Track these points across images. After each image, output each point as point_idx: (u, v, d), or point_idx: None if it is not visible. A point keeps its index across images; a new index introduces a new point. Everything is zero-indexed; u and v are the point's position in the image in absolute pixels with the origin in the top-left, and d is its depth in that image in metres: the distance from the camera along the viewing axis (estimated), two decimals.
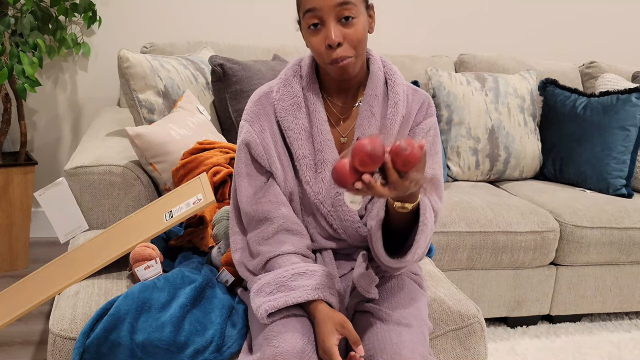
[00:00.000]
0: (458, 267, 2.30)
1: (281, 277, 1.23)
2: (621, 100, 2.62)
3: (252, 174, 1.34)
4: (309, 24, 1.22)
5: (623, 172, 2.61)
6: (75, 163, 1.83)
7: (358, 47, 1.24)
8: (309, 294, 1.20)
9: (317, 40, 1.23)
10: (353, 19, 1.21)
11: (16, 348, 2.03)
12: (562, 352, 2.30)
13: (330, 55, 1.22)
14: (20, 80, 2.29)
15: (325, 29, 1.21)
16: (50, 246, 2.82)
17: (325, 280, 1.24)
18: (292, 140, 1.33)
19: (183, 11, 2.87)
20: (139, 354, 1.24)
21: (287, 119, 1.32)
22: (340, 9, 1.20)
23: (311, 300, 1.21)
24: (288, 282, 1.22)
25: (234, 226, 1.38)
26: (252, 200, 1.33)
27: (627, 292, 2.51)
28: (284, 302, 1.20)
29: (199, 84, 2.28)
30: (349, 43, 1.22)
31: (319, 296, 1.21)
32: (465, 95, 2.66)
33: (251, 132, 1.33)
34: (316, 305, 1.21)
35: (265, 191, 1.33)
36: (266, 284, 1.24)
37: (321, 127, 1.32)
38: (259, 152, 1.32)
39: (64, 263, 1.58)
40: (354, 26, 1.21)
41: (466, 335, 1.42)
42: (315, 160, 1.33)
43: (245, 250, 1.35)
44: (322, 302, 1.22)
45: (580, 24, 3.36)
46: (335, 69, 1.25)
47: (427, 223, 1.18)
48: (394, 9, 3.08)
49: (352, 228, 1.35)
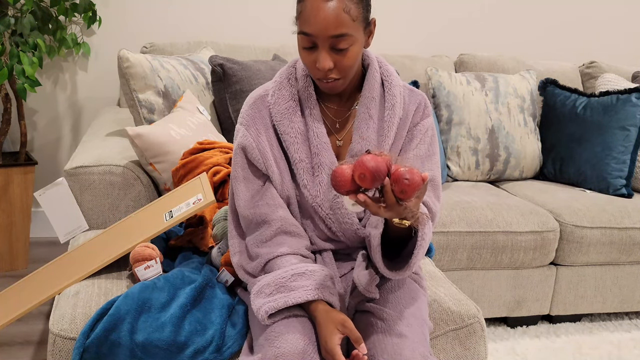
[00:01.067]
0: (458, 267, 2.30)
1: (280, 277, 1.23)
2: (621, 100, 2.62)
3: (249, 177, 1.34)
4: (303, 44, 1.23)
5: (623, 172, 2.61)
6: (75, 163, 1.83)
7: (348, 72, 1.25)
8: (309, 294, 1.20)
9: (309, 58, 1.23)
10: (346, 49, 1.21)
11: (16, 348, 2.03)
12: (562, 352, 2.30)
13: (318, 74, 1.24)
14: (20, 80, 2.29)
15: (318, 53, 1.21)
16: (50, 246, 2.82)
17: (325, 280, 1.24)
18: (289, 144, 1.32)
19: (183, 11, 2.87)
20: (139, 354, 1.24)
21: (283, 123, 1.32)
22: (334, 40, 1.19)
23: (311, 300, 1.21)
24: (287, 282, 1.22)
25: (232, 230, 1.38)
26: (250, 204, 1.33)
27: (627, 292, 2.51)
28: (284, 302, 1.20)
29: (199, 84, 2.28)
30: (338, 69, 1.23)
31: (319, 296, 1.21)
32: (465, 95, 2.66)
33: (247, 136, 1.33)
34: (316, 306, 1.21)
35: (263, 194, 1.33)
36: (266, 285, 1.24)
37: (317, 130, 1.32)
38: (255, 156, 1.32)
39: (64, 263, 1.58)
40: (346, 55, 1.21)
41: (466, 335, 1.42)
42: (312, 163, 1.33)
43: (244, 253, 1.35)
44: (322, 302, 1.22)
45: (580, 24, 3.36)
46: (323, 85, 1.27)
47: (425, 238, 1.18)
48: (394, 10, 3.08)
49: (351, 230, 1.35)
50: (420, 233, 1.17)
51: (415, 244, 1.19)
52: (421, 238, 1.17)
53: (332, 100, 1.36)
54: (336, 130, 1.36)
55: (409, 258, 1.20)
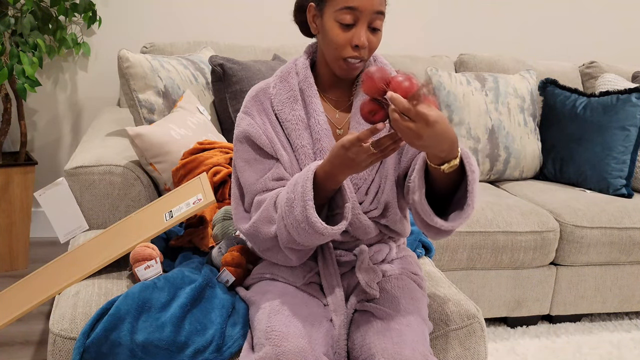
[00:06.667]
0: (458, 267, 2.30)
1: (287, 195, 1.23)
2: (621, 100, 2.62)
3: (258, 159, 1.34)
4: (342, 21, 1.26)
5: (623, 172, 2.61)
6: (75, 163, 1.83)
7: (371, 54, 1.31)
8: (308, 175, 1.20)
9: (344, 36, 1.26)
10: (379, 30, 1.29)
11: (16, 348, 2.03)
12: (562, 352, 2.30)
13: (351, 52, 1.27)
14: (20, 80, 2.29)
15: (356, 29, 1.26)
16: (50, 246, 2.82)
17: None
18: (290, 130, 1.34)
19: (183, 11, 2.87)
20: (139, 353, 1.24)
21: (284, 111, 1.35)
22: (375, 17, 1.26)
23: (314, 175, 1.20)
24: (290, 194, 1.22)
25: (241, 220, 1.37)
26: (260, 187, 1.32)
27: (627, 292, 2.51)
28: (303, 209, 1.18)
29: (199, 84, 2.28)
30: (368, 49, 1.29)
31: (312, 169, 1.21)
32: (465, 95, 2.66)
33: (253, 124, 1.34)
34: (318, 172, 1.21)
35: (271, 175, 1.33)
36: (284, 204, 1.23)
37: (318, 117, 1.34)
38: (263, 142, 1.33)
39: (64, 263, 1.58)
40: (377, 36, 1.30)
41: (466, 335, 1.42)
42: (314, 149, 1.34)
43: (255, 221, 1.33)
44: (318, 166, 1.21)
45: (580, 24, 3.36)
46: (345, 66, 1.29)
47: (475, 170, 1.19)
48: (394, 9, 3.08)
49: (353, 215, 1.35)
50: (468, 167, 1.18)
51: (467, 181, 1.18)
52: (471, 171, 1.18)
53: (332, 92, 1.39)
54: (336, 121, 1.38)
55: (465, 198, 1.19)
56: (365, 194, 1.35)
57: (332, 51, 1.29)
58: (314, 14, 1.32)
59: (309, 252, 1.32)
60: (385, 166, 1.35)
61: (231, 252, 1.45)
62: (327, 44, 1.29)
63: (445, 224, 1.22)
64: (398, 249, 1.46)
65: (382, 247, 1.42)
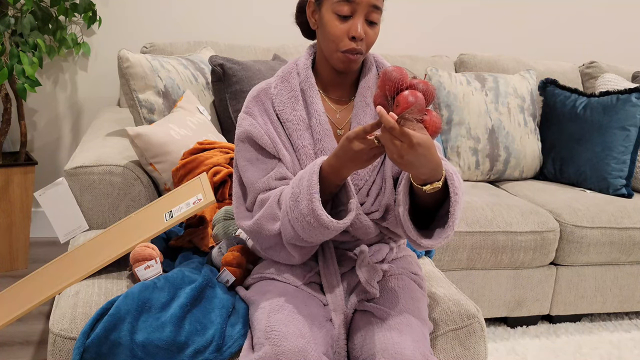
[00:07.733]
0: (458, 267, 2.30)
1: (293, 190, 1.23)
2: (621, 100, 2.62)
3: (260, 159, 1.35)
4: (339, 12, 1.27)
5: (623, 172, 2.61)
6: (75, 163, 1.83)
7: (369, 49, 1.32)
8: (314, 169, 1.20)
9: (341, 27, 1.28)
10: (376, 24, 1.30)
11: (16, 348, 2.03)
12: (562, 352, 2.30)
13: (348, 44, 1.28)
14: (20, 80, 2.29)
15: (353, 21, 1.27)
16: (50, 246, 2.82)
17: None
18: (292, 131, 1.35)
19: (183, 11, 2.87)
20: (139, 353, 1.24)
21: (286, 111, 1.35)
22: (372, 10, 1.28)
23: (320, 170, 1.21)
24: (295, 188, 1.22)
25: (243, 218, 1.37)
26: (263, 186, 1.32)
27: (627, 292, 2.51)
28: (309, 201, 1.18)
29: (199, 84, 2.28)
30: (365, 42, 1.30)
31: (318, 163, 1.21)
32: (465, 95, 2.66)
33: (255, 124, 1.34)
34: (324, 167, 1.21)
35: (274, 174, 1.33)
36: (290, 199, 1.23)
37: (319, 117, 1.34)
38: (265, 142, 1.33)
39: (64, 263, 1.58)
40: (374, 29, 1.31)
41: (466, 335, 1.42)
42: (315, 149, 1.34)
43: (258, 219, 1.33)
44: (324, 161, 1.22)
45: (580, 24, 3.36)
46: (344, 59, 1.30)
47: (458, 192, 1.19)
48: (394, 9, 3.08)
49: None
50: (451, 189, 1.18)
51: (450, 202, 1.19)
52: (454, 193, 1.18)
53: (333, 92, 1.40)
54: (337, 121, 1.39)
55: (447, 217, 1.20)
56: (367, 195, 1.35)
57: (330, 44, 1.30)
58: (313, 9, 1.33)
59: (312, 249, 1.32)
60: (385, 168, 1.35)
61: (231, 252, 1.45)
62: (325, 36, 1.30)
63: (424, 242, 1.23)
64: (398, 249, 1.47)
65: (382, 247, 1.42)
